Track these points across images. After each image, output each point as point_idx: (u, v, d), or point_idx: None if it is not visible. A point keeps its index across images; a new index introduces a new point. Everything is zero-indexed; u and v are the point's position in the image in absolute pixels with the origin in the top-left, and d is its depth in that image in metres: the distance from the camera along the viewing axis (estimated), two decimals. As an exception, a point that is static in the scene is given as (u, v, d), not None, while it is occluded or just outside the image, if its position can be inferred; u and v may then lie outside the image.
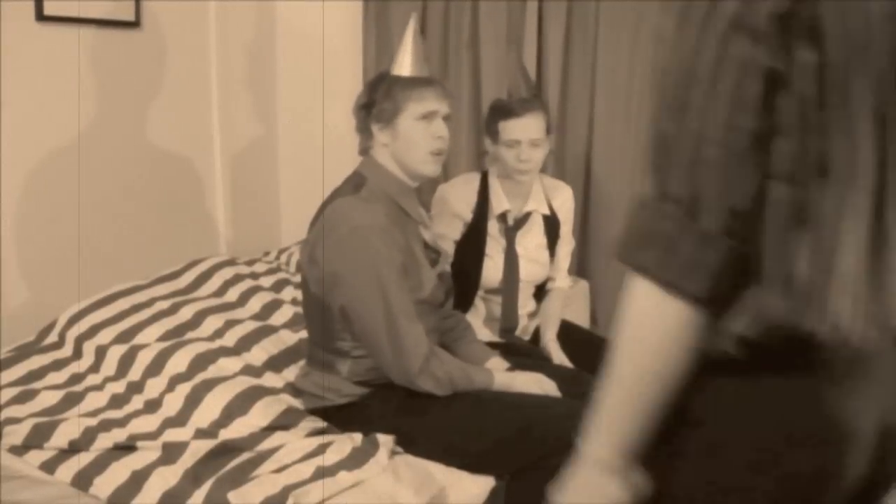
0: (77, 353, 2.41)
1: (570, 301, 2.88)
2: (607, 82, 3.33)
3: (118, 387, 2.24)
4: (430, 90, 2.07)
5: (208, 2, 3.31)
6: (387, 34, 3.54)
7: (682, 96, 0.91)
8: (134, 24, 2.99)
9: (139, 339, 2.34)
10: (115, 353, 2.33)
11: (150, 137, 3.11)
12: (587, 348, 2.54)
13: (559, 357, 2.49)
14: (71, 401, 2.16)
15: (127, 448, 1.93)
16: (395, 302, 1.94)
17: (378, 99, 2.06)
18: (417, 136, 2.04)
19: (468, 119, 3.49)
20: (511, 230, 2.57)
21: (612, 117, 3.35)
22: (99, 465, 1.86)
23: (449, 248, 2.53)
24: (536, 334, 2.64)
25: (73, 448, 1.93)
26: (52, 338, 2.49)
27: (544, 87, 3.38)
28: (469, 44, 3.44)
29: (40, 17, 2.68)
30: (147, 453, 1.90)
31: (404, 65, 2.09)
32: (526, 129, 2.45)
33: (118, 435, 1.97)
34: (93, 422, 2.03)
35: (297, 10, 3.50)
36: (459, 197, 2.57)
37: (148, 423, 2.05)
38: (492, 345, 2.45)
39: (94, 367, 2.35)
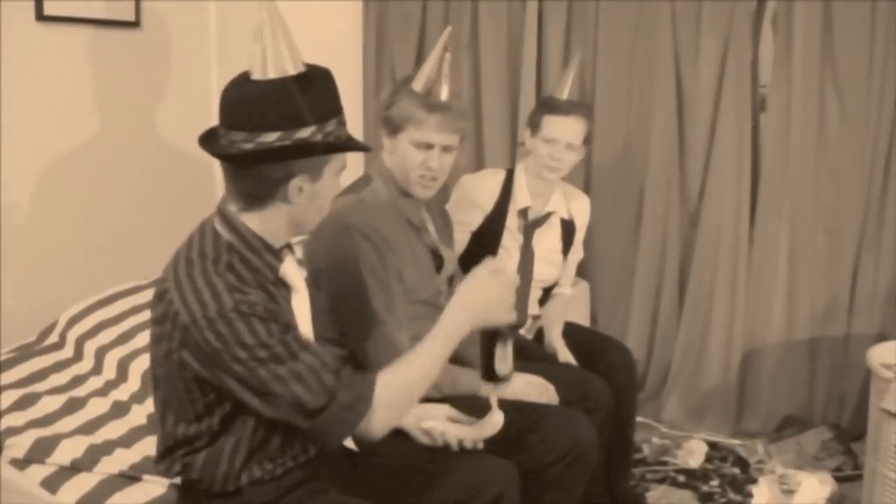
0: (78, 355, 2.41)
1: (571, 301, 2.89)
2: (607, 82, 3.34)
3: (120, 394, 2.24)
4: (432, 118, 1.98)
5: (208, 2, 3.32)
6: (387, 34, 3.54)
7: None
8: (134, 24, 3.00)
9: (140, 340, 2.34)
10: (116, 355, 2.33)
11: (150, 137, 3.11)
12: (590, 347, 2.55)
13: (565, 355, 2.51)
14: (72, 407, 2.15)
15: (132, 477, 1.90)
16: (373, 301, 1.94)
17: (387, 107, 2.02)
18: (410, 160, 2.01)
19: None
20: (530, 227, 2.58)
21: (612, 117, 3.35)
22: (102, 494, 1.84)
23: (465, 236, 2.55)
24: (539, 334, 2.65)
25: (76, 467, 1.90)
26: (53, 338, 2.49)
27: (543, 87, 3.38)
28: (469, 44, 3.45)
29: (40, 17, 2.68)
30: (152, 487, 1.85)
31: (420, 80, 2.01)
32: (566, 131, 2.47)
33: (122, 457, 1.94)
34: (96, 440, 2.01)
35: (297, 10, 3.49)
36: (483, 188, 2.59)
37: (151, 444, 1.96)
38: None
39: (96, 370, 2.35)
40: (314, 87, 1.49)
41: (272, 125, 1.45)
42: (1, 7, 2.56)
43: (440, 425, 1.83)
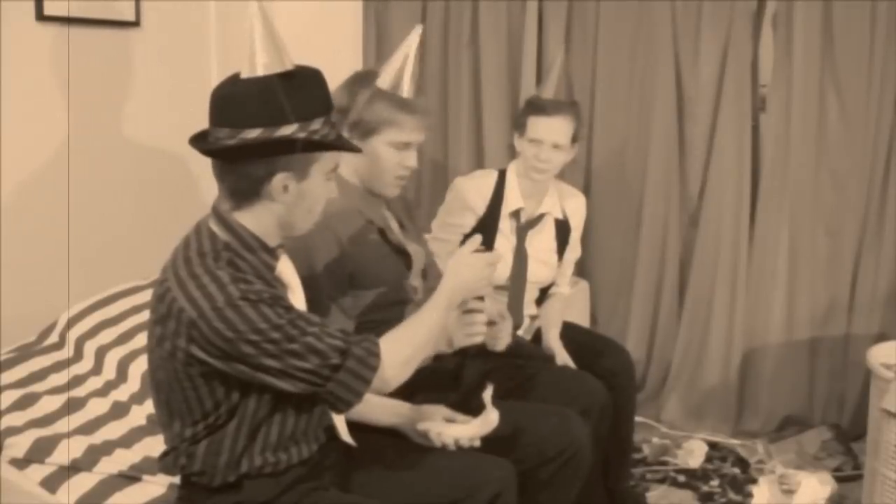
0: (78, 355, 2.41)
1: (570, 301, 2.89)
2: (607, 82, 3.34)
3: (120, 394, 2.24)
4: (413, 119, 1.96)
5: (208, 2, 3.31)
6: (387, 34, 3.54)
7: None
8: (134, 24, 2.99)
9: (140, 340, 2.34)
10: (116, 356, 2.33)
11: (149, 138, 3.11)
12: (588, 348, 2.55)
13: (562, 357, 2.51)
14: (72, 407, 2.15)
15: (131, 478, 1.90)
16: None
17: (358, 107, 1.95)
18: (387, 161, 1.98)
19: (468, 119, 3.50)
20: (523, 229, 2.58)
21: (612, 117, 3.36)
22: (102, 494, 1.84)
23: (458, 238, 2.54)
24: (538, 335, 2.65)
25: (75, 467, 1.91)
26: (53, 338, 2.49)
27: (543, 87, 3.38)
28: (469, 44, 3.45)
29: (40, 17, 2.68)
30: (152, 487, 1.87)
31: (395, 81, 1.97)
32: (551, 131, 2.46)
33: (121, 458, 1.94)
34: (96, 441, 2.01)
35: (297, 10, 3.50)
36: (475, 190, 2.58)
37: (151, 445, 1.99)
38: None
39: (96, 370, 2.35)
40: (299, 85, 1.50)
41: (254, 122, 1.47)
42: (1, 7, 2.56)
43: (436, 426, 1.83)
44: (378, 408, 1.86)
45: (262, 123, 1.47)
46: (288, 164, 1.49)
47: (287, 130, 1.48)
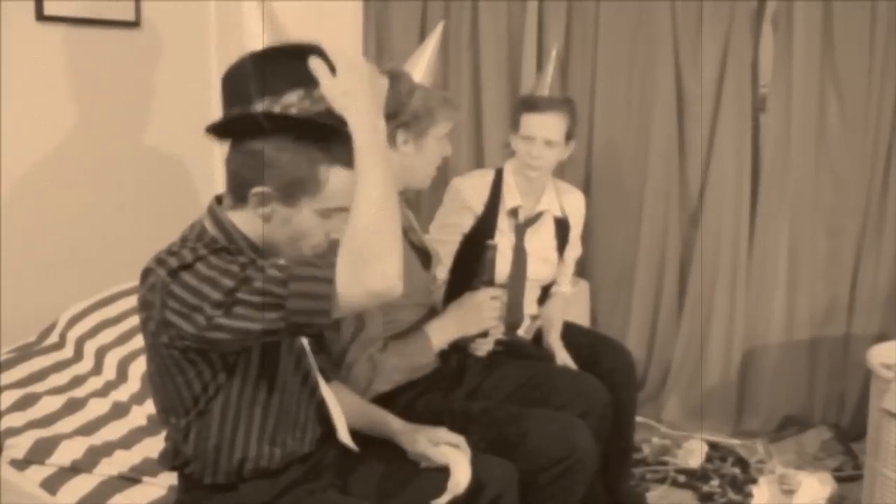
0: (78, 355, 2.41)
1: (571, 301, 2.89)
2: (607, 82, 3.34)
3: (120, 394, 2.24)
4: (455, 111, 2.04)
5: (208, 2, 3.31)
6: (387, 34, 3.54)
7: None
8: (134, 24, 2.99)
9: (140, 340, 2.33)
10: (116, 356, 2.33)
11: (149, 138, 3.11)
12: (589, 348, 2.55)
13: (563, 357, 2.50)
14: (72, 408, 2.15)
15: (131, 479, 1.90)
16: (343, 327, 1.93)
17: (410, 108, 1.98)
18: (436, 154, 2.03)
19: (468, 118, 3.50)
20: (521, 227, 2.58)
21: (612, 117, 3.36)
22: (102, 495, 1.84)
23: (457, 238, 2.55)
24: (538, 335, 2.65)
25: (76, 468, 1.91)
26: (53, 338, 2.49)
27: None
28: (469, 44, 3.45)
29: (40, 17, 2.67)
30: (152, 489, 1.86)
31: (418, 73, 2.04)
32: (543, 127, 2.46)
33: (121, 459, 1.94)
34: (96, 441, 2.00)
35: (297, 10, 3.50)
36: (473, 189, 2.59)
37: (151, 446, 1.99)
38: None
39: (96, 370, 2.35)
40: (272, 59, 1.47)
41: (231, 101, 1.49)
42: (1, 7, 2.56)
43: (436, 456, 1.79)
44: (367, 424, 1.86)
45: (238, 103, 1.47)
46: (269, 178, 1.46)
47: (259, 107, 1.45)
